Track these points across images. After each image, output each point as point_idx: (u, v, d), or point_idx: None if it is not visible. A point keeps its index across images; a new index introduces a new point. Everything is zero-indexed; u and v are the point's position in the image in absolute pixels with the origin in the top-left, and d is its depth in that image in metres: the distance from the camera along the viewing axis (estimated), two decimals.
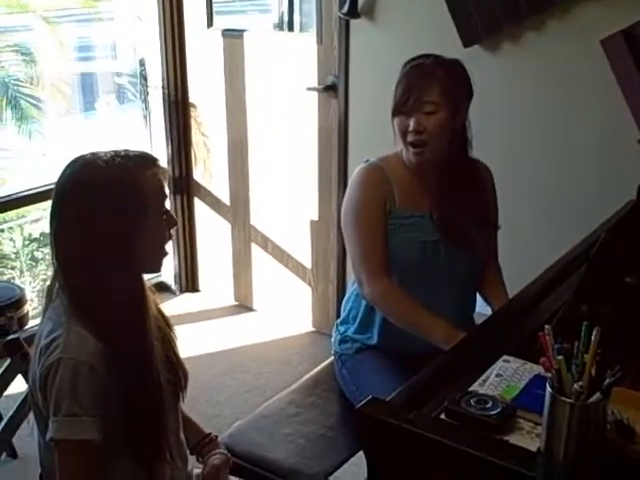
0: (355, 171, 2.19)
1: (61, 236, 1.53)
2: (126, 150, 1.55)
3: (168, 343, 1.71)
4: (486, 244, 2.25)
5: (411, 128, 2.04)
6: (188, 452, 1.80)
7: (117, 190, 1.49)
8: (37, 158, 4.58)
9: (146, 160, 1.56)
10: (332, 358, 2.38)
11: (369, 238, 2.12)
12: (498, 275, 2.31)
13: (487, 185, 2.26)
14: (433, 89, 2.02)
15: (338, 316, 2.37)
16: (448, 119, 2.05)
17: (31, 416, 1.63)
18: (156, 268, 1.63)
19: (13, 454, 2.83)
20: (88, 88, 4.82)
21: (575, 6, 2.70)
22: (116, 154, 1.52)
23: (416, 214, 2.13)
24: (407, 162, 2.12)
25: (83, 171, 1.52)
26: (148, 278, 1.66)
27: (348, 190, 2.18)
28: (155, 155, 1.60)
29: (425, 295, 2.13)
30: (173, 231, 1.62)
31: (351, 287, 2.31)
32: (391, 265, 2.13)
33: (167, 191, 1.59)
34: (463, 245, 2.14)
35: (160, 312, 1.71)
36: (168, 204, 1.62)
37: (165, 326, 1.71)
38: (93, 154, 1.53)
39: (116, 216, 1.50)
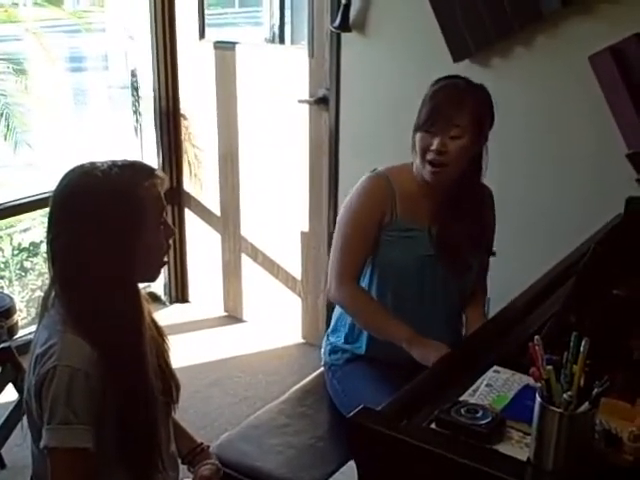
0: (361, 179, 2.20)
1: (58, 244, 1.53)
2: (124, 160, 1.55)
3: (161, 353, 1.71)
4: (479, 268, 2.28)
5: (434, 147, 2.04)
6: (180, 461, 1.80)
7: (114, 200, 1.50)
8: (27, 168, 4.58)
9: (143, 170, 1.57)
10: (322, 369, 2.39)
11: (351, 245, 2.15)
12: (481, 299, 2.33)
13: (488, 210, 2.30)
14: (463, 115, 2.04)
15: (328, 328, 2.38)
16: (470, 145, 2.07)
17: (24, 424, 1.62)
18: (153, 278, 1.64)
19: (1, 464, 2.81)
20: (79, 99, 4.83)
21: (564, 22, 2.74)
22: (114, 164, 1.53)
23: (416, 227, 2.14)
24: (419, 177, 2.13)
25: (80, 180, 1.52)
26: (141, 287, 1.66)
27: (350, 195, 2.20)
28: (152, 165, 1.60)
29: (418, 309, 2.16)
30: (170, 241, 1.63)
31: None
32: (389, 276, 2.16)
33: (165, 201, 1.59)
34: (456, 264, 2.17)
35: (154, 322, 1.71)
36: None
37: (158, 336, 1.72)
38: (91, 163, 1.54)
39: (112, 225, 1.50)
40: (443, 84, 2.11)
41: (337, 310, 2.34)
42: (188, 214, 4.12)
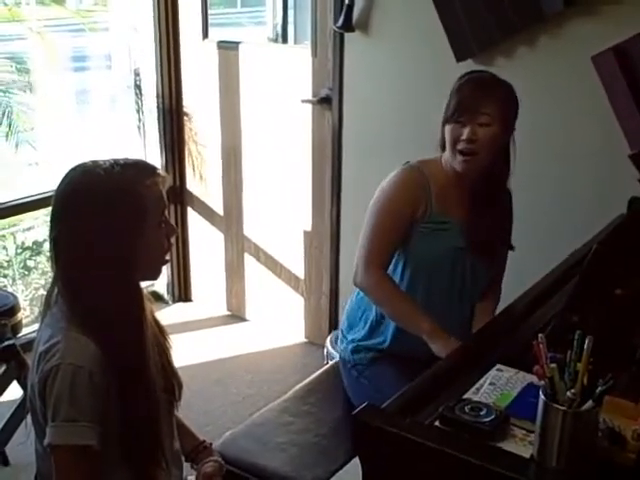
0: (395, 171, 2.21)
1: (60, 243, 1.54)
2: (126, 159, 1.56)
3: (163, 351, 1.72)
4: (500, 261, 2.33)
5: (464, 136, 2.08)
6: (183, 459, 1.81)
7: (115, 198, 1.50)
8: (30, 167, 4.58)
9: (145, 169, 1.57)
10: (325, 367, 2.40)
11: (382, 234, 2.16)
12: (493, 297, 2.35)
13: (509, 208, 2.36)
14: (490, 102, 2.08)
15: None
16: (499, 133, 2.10)
17: (28, 422, 1.63)
18: (154, 276, 1.65)
19: (5, 462, 2.82)
20: (82, 98, 4.83)
21: (567, 22, 2.74)
22: (115, 162, 1.53)
23: (449, 220, 2.17)
24: (449, 170, 2.17)
25: (82, 179, 1.53)
26: (143, 286, 1.67)
27: (383, 185, 2.21)
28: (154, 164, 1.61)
29: (447, 306, 2.20)
30: (172, 240, 1.63)
31: (355, 295, 2.33)
32: (421, 269, 2.19)
33: (166, 200, 1.60)
34: (485, 257, 2.21)
35: (155, 320, 1.72)
36: None
37: (160, 334, 1.72)
38: (93, 162, 1.54)
39: (114, 224, 1.51)
40: (469, 77, 2.16)
41: (351, 307, 2.36)
42: (191, 213, 4.13)
